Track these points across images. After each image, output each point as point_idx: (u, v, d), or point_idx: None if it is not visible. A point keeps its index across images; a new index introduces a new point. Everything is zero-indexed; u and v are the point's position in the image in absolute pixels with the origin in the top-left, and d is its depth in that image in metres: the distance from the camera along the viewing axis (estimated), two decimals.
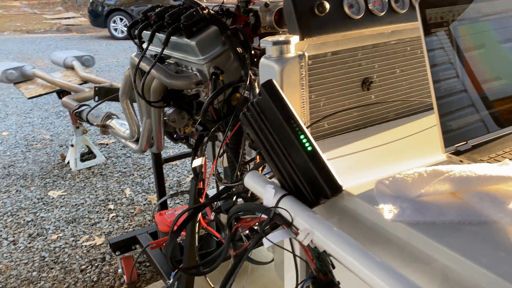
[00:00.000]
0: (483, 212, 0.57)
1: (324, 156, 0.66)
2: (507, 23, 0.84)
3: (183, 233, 1.69)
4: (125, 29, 9.33)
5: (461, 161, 0.72)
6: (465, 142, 0.76)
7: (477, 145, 0.77)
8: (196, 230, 1.34)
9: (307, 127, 0.88)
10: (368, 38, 0.91)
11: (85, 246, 2.30)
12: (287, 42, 0.80)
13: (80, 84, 2.73)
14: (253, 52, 1.16)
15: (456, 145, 0.75)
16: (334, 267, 0.68)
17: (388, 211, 0.58)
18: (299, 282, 0.69)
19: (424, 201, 0.60)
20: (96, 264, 2.15)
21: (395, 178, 0.63)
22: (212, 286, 1.47)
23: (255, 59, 1.15)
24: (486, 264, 0.49)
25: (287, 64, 0.80)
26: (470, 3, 0.78)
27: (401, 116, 1.00)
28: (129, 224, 2.48)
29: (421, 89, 1.02)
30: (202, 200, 1.31)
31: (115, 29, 9.43)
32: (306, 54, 0.82)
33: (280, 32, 1.18)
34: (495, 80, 0.81)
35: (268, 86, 0.68)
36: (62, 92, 2.79)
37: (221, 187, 1.03)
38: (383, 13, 0.97)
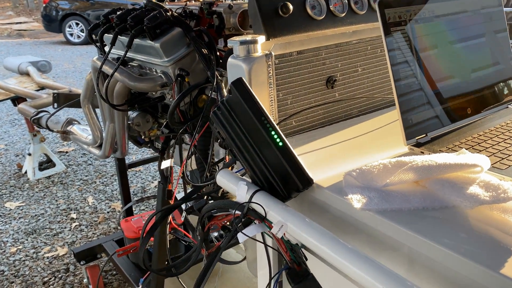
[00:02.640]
0: (444, 198, 0.60)
1: (294, 151, 0.68)
2: (460, 22, 0.89)
3: (151, 239, 1.66)
4: (82, 34, 9.07)
5: (422, 152, 0.76)
6: (425, 135, 0.81)
7: (436, 137, 0.81)
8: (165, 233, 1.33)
9: (276, 125, 0.89)
10: (330, 38, 0.94)
11: (47, 257, 2.22)
12: (254, 42, 0.82)
13: (37, 90, 2.63)
14: (218, 53, 1.17)
15: (416, 138, 0.80)
16: (306, 259, 0.70)
17: (356, 200, 0.61)
18: (273, 274, 0.70)
19: (390, 190, 0.63)
20: (59, 276, 2.08)
21: (362, 170, 0.65)
22: (185, 287, 1.46)
23: (220, 61, 1.16)
24: (449, 245, 0.53)
25: (255, 63, 0.81)
26: (425, 3, 0.83)
27: (364, 112, 1.04)
28: (93, 233, 2.42)
29: (381, 86, 1.07)
30: (172, 203, 1.30)
31: (71, 34, 9.14)
32: (273, 53, 0.84)
33: (245, 33, 1.20)
34: (450, 77, 0.86)
35: (238, 84, 0.69)
36: (17, 99, 2.68)
37: (190, 189, 1.03)
38: (343, 14, 1.01)
